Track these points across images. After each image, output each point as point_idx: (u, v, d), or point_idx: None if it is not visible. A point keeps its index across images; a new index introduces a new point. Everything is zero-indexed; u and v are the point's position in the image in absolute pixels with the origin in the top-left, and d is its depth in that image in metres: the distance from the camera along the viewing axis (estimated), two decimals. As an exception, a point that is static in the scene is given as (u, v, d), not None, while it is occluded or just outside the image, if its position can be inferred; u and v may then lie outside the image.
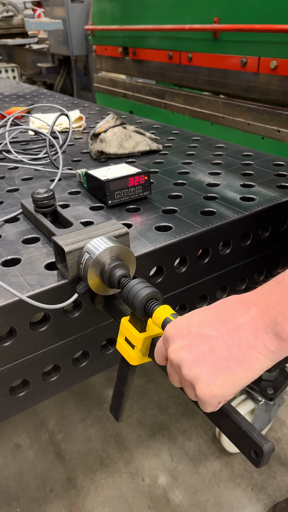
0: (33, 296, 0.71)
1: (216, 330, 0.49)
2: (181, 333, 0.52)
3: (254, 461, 0.51)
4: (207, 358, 0.49)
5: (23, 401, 0.79)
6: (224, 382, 0.48)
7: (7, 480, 1.57)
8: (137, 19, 2.55)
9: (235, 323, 0.48)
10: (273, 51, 1.72)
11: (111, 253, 0.72)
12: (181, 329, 0.53)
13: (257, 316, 0.47)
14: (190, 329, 0.52)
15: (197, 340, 0.50)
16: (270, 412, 1.54)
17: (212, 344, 0.49)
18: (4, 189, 1.17)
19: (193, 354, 0.50)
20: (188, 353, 0.50)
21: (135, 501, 1.49)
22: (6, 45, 4.77)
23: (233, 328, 0.48)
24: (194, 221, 0.92)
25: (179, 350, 0.51)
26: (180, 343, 0.52)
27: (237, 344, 0.47)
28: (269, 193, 1.05)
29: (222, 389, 0.48)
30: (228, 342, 0.48)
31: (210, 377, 0.48)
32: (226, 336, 0.48)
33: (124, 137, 1.37)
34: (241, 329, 0.47)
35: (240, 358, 0.47)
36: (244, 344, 0.47)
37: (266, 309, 0.47)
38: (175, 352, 0.52)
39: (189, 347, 0.51)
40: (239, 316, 0.48)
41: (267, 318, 0.46)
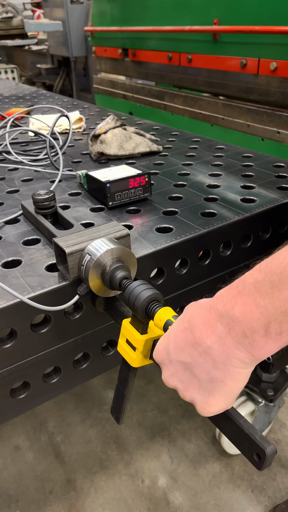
0: (34, 298, 0.70)
1: (190, 356, 0.50)
2: (165, 362, 0.55)
3: (257, 463, 0.51)
4: (194, 384, 0.51)
5: (23, 403, 0.79)
6: (217, 401, 0.50)
7: (7, 482, 1.57)
8: (136, 20, 2.55)
9: (204, 346, 0.48)
10: (273, 53, 1.72)
11: (112, 254, 0.72)
12: (163, 358, 0.55)
13: (223, 334, 0.46)
14: (170, 358, 0.54)
15: (179, 368, 0.53)
16: (270, 413, 1.54)
17: (192, 370, 0.51)
18: (4, 190, 1.17)
19: (182, 382, 0.53)
20: (177, 381, 0.53)
21: (135, 503, 1.48)
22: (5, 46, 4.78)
23: (204, 351, 0.49)
24: (195, 223, 0.92)
25: (169, 379, 0.54)
26: (167, 372, 0.54)
27: (213, 366, 0.48)
28: (269, 194, 1.05)
29: (218, 407, 0.51)
30: (204, 366, 0.49)
31: (203, 400, 0.51)
32: (201, 360, 0.49)
33: (124, 138, 1.37)
34: (212, 351, 0.48)
35: (221, 377, 0.48)
36: (219, 364, 0.48)
37: (231, 324, 0.46)
38: (166, 380, 0.55)
39: (176, 375, 0.53)
40: (205, 337, 0.48)
41: (234, 334, 0.46)
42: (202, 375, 0.49)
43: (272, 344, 0.44)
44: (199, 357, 0.49)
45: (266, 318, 0.43)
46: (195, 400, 0.51)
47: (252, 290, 0.45)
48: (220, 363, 0.47)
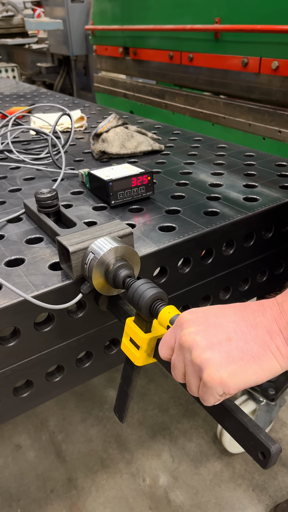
0: (37, 296, 0.70)
1: (234, 322, 0.51)
2: (198, 320, 0.52)
3: (261, 462, 0.51)
4: (222, 345, 0.49)
5: (26, 402, 0.79)
6: (235, 372, 0.48)
7: (8, 481, 1.57)
8: (137, 19, 2.55)
9: (253, 321, 0.50)
10: (275, 52, 1.72)
11: (116, 253, 0.72)
12: (198, 316, 0.53)
13: (272, 319, 0.50)
14: (207, 317, 0.52)
15: (214, 327, 0.51)
16: (271, 412, 1.54)
17: (229, 333, 0.50)
18: (6, 189, 1.17)
19: (208, 340, 0.50)
20: (203, 337, 0.50)
21: (136, 502, 1.49)
22: (5, 45, 4.76)
23: (251, 325, 0.50)
24: (198, 222, 0.92)
25: (193, 333, 0.51)
26: (196, 327, 0.51)
27: (254, 339, 0.49)
28: (272, 193, 1.05)
29: (230, 378, 0.48)
30: (245, 335, 0.49)
31: (222, 363, 0.48)
32: (244, 329, 0.50)
33: (126, 137, 1.37)
34: (259, 327, 0.50)
35: (255, 352, 0.48)
36: (260, 340, 0.49)
37: (279, 314, 0.50)
38: (188, 334, 0.51)
39: (205, 332, 0.50)
40: (257, 316, 0.51)
41: (280, 322, 0.50)
42: (238, 342, 0.49)
43: None
44: (244, 327, 0.50)
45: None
46: (212, 360, 0.48)
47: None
48: (261, 339, 0.49)
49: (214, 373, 0.48)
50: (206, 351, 0.49)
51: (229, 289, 1.01)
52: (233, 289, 1.02)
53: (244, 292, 1.04)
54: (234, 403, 0.55)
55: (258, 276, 1.07)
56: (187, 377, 0.53)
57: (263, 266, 1.06)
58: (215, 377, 0.48)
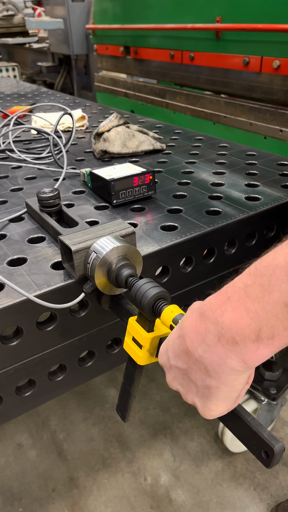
0: (40, 296, 0.70)
1: (185, 363, 0.51)
2: (166, 366, 0.56)
3: (265, 461, 0.51)
4: (192, 389, 0.52)
5: (29, 401, 0.79)
6: (216, 405, 0.50)
7: (10, 480, 1.57)
8: (138, 18, 2.54)
9: (196, 355, 0.48)
10: (276, 51, 1.72)
11: (118, 252, 0.72)
12: (165, 361, 0.56)
13: (213, 342, 0.45)
14: (170, 363, 0.54)
15: (178, 373, 0.53)
16: (272, 412, 1.54)
17: (189, 376, 0.51)
18: (8, 189, 1.17)
19: (182, 386, 0.53)
20: (178, 385, 0.54)
21: (137, 501, 1.49)
22: (6, 44, 4.76)
23: (196, 360, 0.49)
24: (200, 221, 0.92)
25: (172, 382, 0.55)
26: (169, 376, 0.55)
27: (206, 374, 0.48)
28: (274, 192, 1.05)
29: (218, 410, 0.51)
30: (198, 373, 0.49)
31: (202, 404, 0.51)
32: (195, 367, 0.50)
33: (128, 136, 1.37)
34: (203, 360, 0.47)
35: (215, 384, 0.48)
36: (212, 373, 0.47)
37: (220, 332, 0.45)
38: (170, 384, 0.56)
39: (176, 380, 0.54)
40: (197, 346, 0.48)
41: (224, 342, 0.44)
42: (198, 382, 0.50)
43: (264, 349, 0.43)
44: (193, 365, 0.50)
45: (257, 324, 0.42)
46: (195, 404, 0.52)
47: (242, 295, 0.43)
48: (213, 371, 0.47)
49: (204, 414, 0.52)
50: (187, 398, 0.53)
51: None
52: (235, 288, 1.02)
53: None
54: (237, 402, 0.55)
55: (260, 275, 1.07)
56: None
57: (265, 265, 1.05)
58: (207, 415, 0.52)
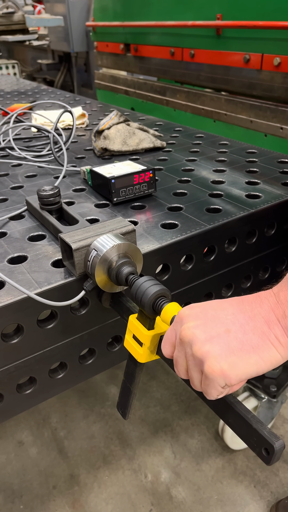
0: (40, 294, 0.70)
1: (232, 315, 0.51)
2: (197, 314, 0.53)
3: (265, 458, 0.51)
4: (221, 338, 0.50)
5: (30, 399, 0.79)
6: (235, 363, 0.48)
7: (10, 477, 1.57)
8: (139, 15, 2.54)
9: (251, 312, 0.51)
10: (277, 48, 1.71)
11: (119, 250, 0.72)
12: (197, 311, 0.53)
13: (269, 309, 0.51)
14: (206, 312, 0.53)
15: (212, 321, 0.51)
16: (273, 409, 1.54)
17: (228, 326, 0.50)
18: (8, 186, 1.17)
19: (207, 333, 0.50)
20: (202, 331, 0.51)
21: (138, 498, 1.49)
22: (6, 42, 4.75)
23: (249, 316, 0.51)
24: (200, 219, 0.92)
25: (192, 328, 0.51)
26: (195, 322, 0.52)
27: (252, 330, 0.50)
28: (274, 190, 1.05)
29: (231, 369, 0.48)
30: (244, 326, 0.50)
31: (222, 354, 0.48)
32: (243, 321, 0.51)
33: (128, 134, 1.36)
34: (256, 318, 0.50)
35: (255, 343, 0.49)
36: (258, 331, 0.49)
37: (276, 304, 0.51)
38: (188, 329, 0.52)
39: (204, 325, 0.51)
40: (254, 307, 0.52)
41: (277, 312, 0.50)
42: (237, 334, 0.49)
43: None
44: (242, 319, 0.51)
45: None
46: (212, 352, 0.49)
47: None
48: (260, 330, 0.49)
49: (215, 365, 0.48)
50: (205, 344, 0.49)
51: (231, 286, 1.01)
52: (235, 286, 1.02)
53: (246, 289, 1.04)
54: (237, 399, 0.55)
55: (261, 273, 1.07)
56: (189, 372, 0.54)
57: (266, 263, 1.06)
58: (216, 368, 0.48)
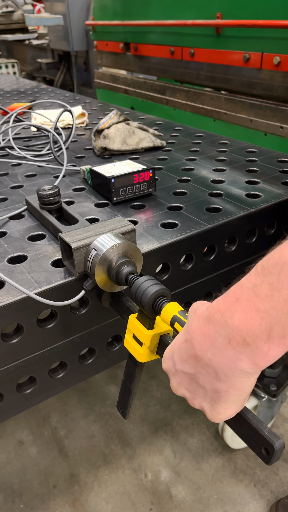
0: (40, 293, 0.70)
1: (193, 368, 0.51)
2: (171, 372, 0.55)
3: (265, 458, 0.51)
4: (200, 394, 0.52)
5: (29, 398, 0.79)
6: (225, 409, 0.50)
7: (11, 477, 1.58)
8: (138, 14, 2.53)
9: (205, 359, 0.48)
10: (277, 47, 1.71)
11: (118, 250, 0.72)
12: (170, 367, 0.55)
13: (223, 345, 0.45)
14: (175, 368, 0.54)
15: (184, 378, 0.53)
16: (272, 408, 1.54)
17: (196, 380, 0.51)
18: (8, 186, 1.17)
19: (189, 391, 0.53)
20: (184, 390, 0.54)
21: (138, 497, 1.49)
22: (5, 41, 4.74)
23: (206, 364, 0.48)
24: (200, 218, 0.92)
25: (177, 388, 0.55)
26: (175, 381, 0.55)
27: (215, 378, 0.48)
28: (274, 190, 1.05)
29: (226, 414, 0.51)
30: (207, 377, 0.49)
31: (210, 409, 0.51)
32: (203, 372, 0.49)
33: (128, 133, 1.36)
34: (213, 363, 0.47)
35: (224, 388, 0.48)
36: (221, 376, 0.47)
37: (231, 334, 0.44)
38: (175, 389, 0.56)
39: (182, 385, 0.54)
40: (206, 350, 0.47)
41: (235, 344, 0.44)
42: (207, 386, 0.50)
43: (276, 349, 0.42)
44: (202, 369, 0.49)
45: (268, 323, 0.41)
46: (203, 409, 0.52)
47: (251, 295, 0.43)
48: (223, 375, 0.47)
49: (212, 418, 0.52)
50: (194, 402, 0.53)
51: (231, 285, 1.01)
52: (235, 285, 1.02)
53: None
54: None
55: (260, 272, 1.07)
56: None
57: (265, 262, 1.05)
58: (216, 419, 0.52)
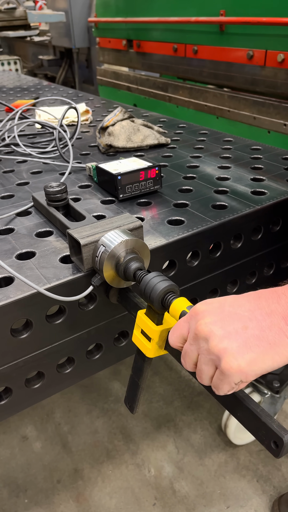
0: (49, 289, 0.71)
1: (249, 311, 0.51)
2: (214, 310, 0.53)
3: (274, 451, 0.52)
4: (239, 334, 0.50)
5: (37, 393, 0.80)
6: (253, 359, 0.49)
7: (15, 472, 1.59)
8: (141, 11, 2.53)
9: (268, 309, 0.51)
10: (281, 44, 1.71)
11: (126, 246, 0.72)
12: (214, 307, 0.54)
13: (286, 305, 0.50)
14: (223, 308, 0.53)
15: (230, 317, 0.52)
16: (275, 405, 1.55)
17: (245, 322, 0.51)
18: (14, 183, 1.17)
19: (225, 329, 0.51)
20: (219, 327, 0.51)
21: (141, 492, 1.50)
22: (7, 37, 4.73)
23: (266, 313, 0.51)
24: (206, 215, 0.93)
25: (209, 324, 0.52)
26: (212, 317, 0.52)
27: (269, 327, 0.50)
28: (279, 187, 1.05)
29: (248, 366, 0.49)
30: (261, 323, 0.50)
31: (239, 351, 0.49)
32: (260, 318, 0.50)
33: (132, 130, 1.37)
34: (273, 314, 0.50)
35: (271, 339, 0.49)
36: (275, 327, 0.49)
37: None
38: (205, 324, 0.52)
39: (221, 322, 0.52)
40: (271, 303, 0.51)
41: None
42: (254, 330, 0.50)
43: None
44: (259, 315, 0.51)
45: None
46: (230, 349, 0.49)
47: None
48: (277, 326, 0.49)
49: (233, 362, 0.49)
50: (223, 341, 0.50)
51: (236, 282, 1.02)
52: (240, 282, 1.02)
53: (251, 285, 1.05)
54: (246, 393, 0.56)
55: (265, 269, 1.07)
56: (199, 366, 0.54)
57: (270, 259, 1.06)
58: (234, 365, 0.49)
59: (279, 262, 1.09)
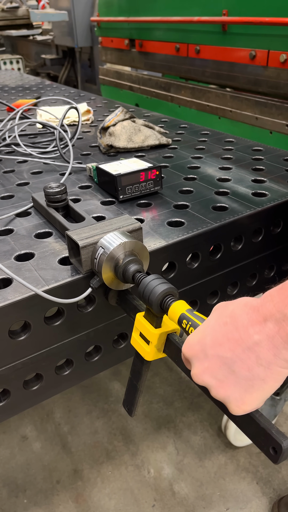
0: (48, 291, 0.71)
1: (231, 351, 0.48)
2: (198, 357, 0.52)
3: (273, 457, 0.51)
4: (230, 381, 0.49)
5: (36, 395, 0.80)
6: (253, 399, 0.49)
7: (14, 472, 1.59)
8: (144, 10, 2.52)
9: (249, 342, 0.47)
10: (283, 45, 1.70)
11: (125, 248, 0.72)
12: (197, 352, 0.52)
13: (273, 332, 0.45)
14: (205, 352, 0.51)
15: (215, 363, 0.50)
16: (276, 407, 1.54)
17: (231, 366, 0.48)
18: (14, 183, 1.17)
19: (216, 378, 0.50)
20: (210, 377, 0.51)
21: (141, 493, 1.50)
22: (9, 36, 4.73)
23: (248, 347, 0.47)
24: (206, 217, 0.92)
25: (201, 375, 0.52)
26: (200, 367, 0.52)
27: (256, 363, 0.46)
28: (281, 188, 1.05)
29: (252, 405, 0.49)
30: (246, 362, 0.47)
31: (238, 398, 0.49)
32: (243, 356, 0.47)
33: (133, 130, 1.36)
34: (258, 347, 0.46)
35: (263, 375, 0.47)
36: (263, 362, 0.46)
37: (281, 323, 0.45)
38: (197, 376, 0.52)
39: (210, 371, 0.50)
40: (252, 333, 0.47)
41: (284, 333, 0.44)
42: (242, 372, 0.48)
43: None
44: (242, 353, 0.47)
45: None
46: (229, 398, 0.50)
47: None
48: (265, 360, 0.46)
49: (236, 409, 0.50)
50: (219, 391, 0.50)
51: (237, 284, 1.01)
52: (241, 284, 1.02)
53: (252, 287, 1.04)
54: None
55: (266, 271, 1.07)
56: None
57: (271, 261, 1.05)
58: (240, 411, 0.50)
59: (280, 264, 1.08)
